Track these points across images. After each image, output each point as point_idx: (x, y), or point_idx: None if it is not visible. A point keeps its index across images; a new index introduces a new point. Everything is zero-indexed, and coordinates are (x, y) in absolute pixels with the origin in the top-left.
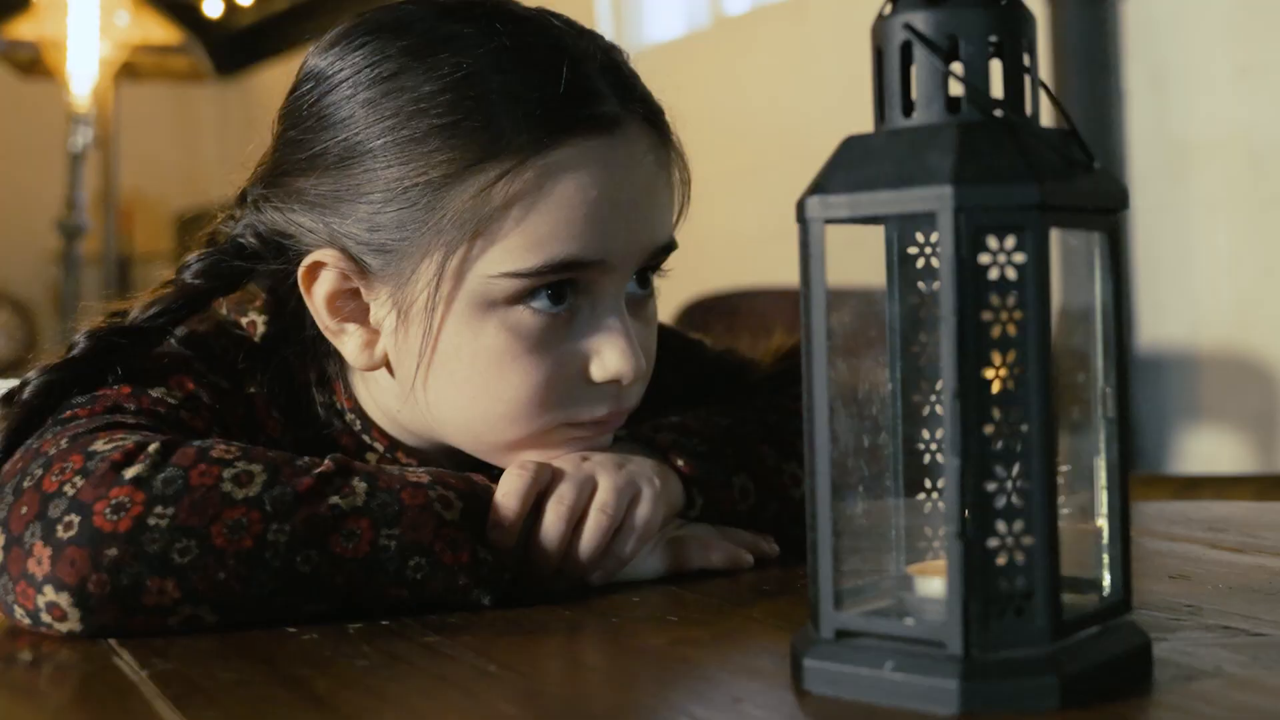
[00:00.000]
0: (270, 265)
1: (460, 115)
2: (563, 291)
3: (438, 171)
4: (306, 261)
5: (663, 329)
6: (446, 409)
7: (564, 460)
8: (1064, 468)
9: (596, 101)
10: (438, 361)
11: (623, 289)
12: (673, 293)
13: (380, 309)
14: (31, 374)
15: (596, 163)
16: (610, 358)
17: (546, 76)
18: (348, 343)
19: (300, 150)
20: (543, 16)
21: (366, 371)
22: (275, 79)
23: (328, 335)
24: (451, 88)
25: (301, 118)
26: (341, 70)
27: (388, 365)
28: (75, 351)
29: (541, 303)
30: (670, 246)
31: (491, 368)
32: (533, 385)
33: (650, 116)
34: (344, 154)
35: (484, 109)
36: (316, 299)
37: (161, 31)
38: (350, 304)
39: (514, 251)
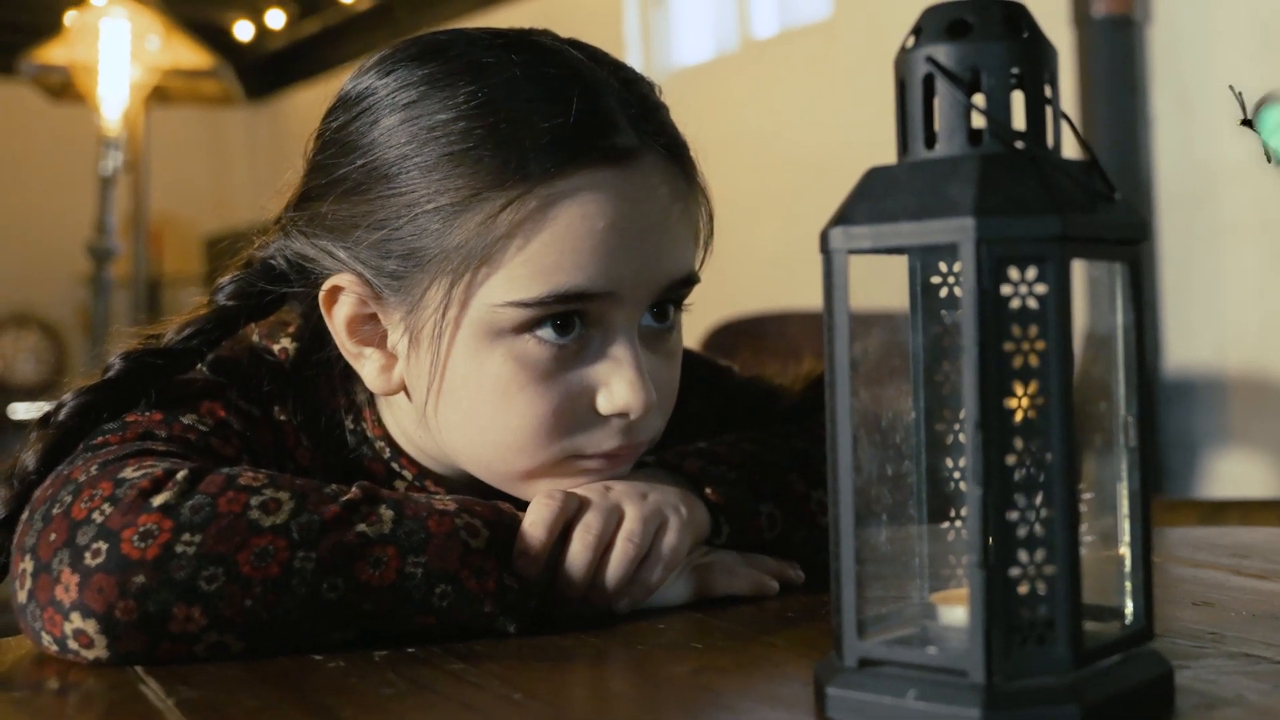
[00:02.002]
0: (297, 289)
1: (471, 144)
2: (571, 322)
3: (445, 199)
4: (326, 286)
5: (692, 356)
6: (457, 437)
7: (589, 489)
8: (1086, 495)
9: (609, 132)
10: (446, 389)
11: (635, 321)
12: (700, 316)
13: (395, 334)
14: (67, 396)
15: (605, 193)
16: (618, 390)
17: (556, 107)
18: (366, 367)
19: (323, 175)
20: (564, 48)
21: (385, 396)
22: (305, 102)
23: (348, 359)
24: (464, 116)
25: (326, 143)
26: (366, 97)
27: (406, 391)
28: (110, 373)
29: (548, 333)
30: (690, 280)
31: (497, 397)
32: (538, 416)
33: (670, 150)
34: (361, 179)
35: (493, 137)
36: (336, 322)
37: (192, 56)
38: (369, 328)
39: (519, 281)
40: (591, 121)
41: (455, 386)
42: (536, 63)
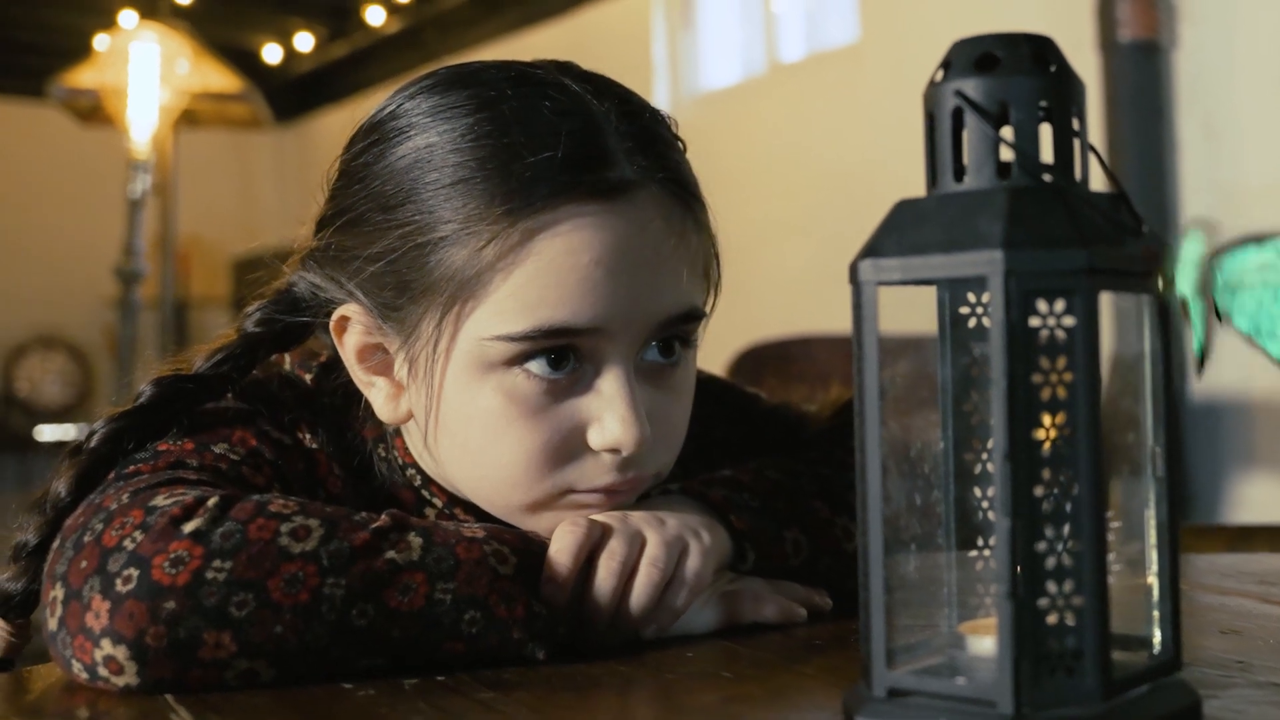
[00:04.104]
0: (320, 318)
1: (461, 177)
2: (564, 356)
3: (437, 232)
4: (335, 315)
5: (719, 383)
6: (456, 469)
7: (609, 516)
8: (1114, 524)
9: (598, 166)
10: (442, 422)
11: (629, 357)
12: (725, 341)
13: (398, 363)
14: (99, 423)
15: (591, 227)
16: (610, 426)
17: (545, 140)
18: (376, 396)
19: (334, 205)
20: (567, 81)
21: (393, 424)
22: (333, 126)
23: (360, 387)
24: (458, 150)
25: (341, 173)
26: (376, 129)
27: (415, 420)
28: (142, 399)
29: (539, 367)
30: (691, 315)
31: (488, 431)
32: (529, 450)
33: (673, 183)
34: (364, 210)
35: (481, 171)
36: (347, 351)
37: (221, 79)
38: (377, 357)
39: (505, 315)
40: (580, 155)
41: (450, 419)
42: (533, 96)
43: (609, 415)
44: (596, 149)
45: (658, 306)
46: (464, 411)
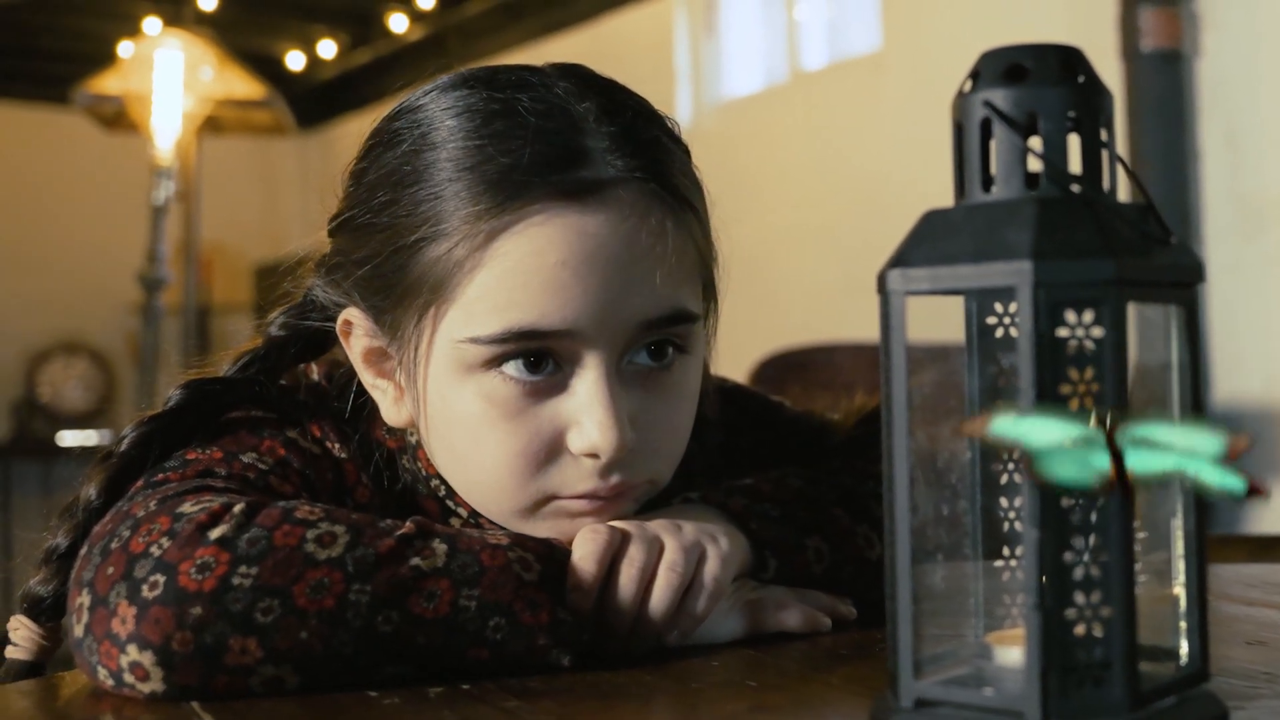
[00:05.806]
0: (332, 322)
1: (437, 179)
2: (541, 358)
3: (414, 234)
4: (340, 319)
5: (743, 391)
6: (449, 474)
7: (627, 523)
8: (1141, 534)
9: (569, 165)
10: (431, 425)
11: (610, 359)
12: (747, 348)
13: (397, 366)
14: (128, 428)
15: (558, 227)
16: (588, 430)
17: (515, 142)
18: (382, 399)
19: (337, 210)
20: (547, 80)
21: (398, 427)
22: (356, 133)
23: (368, 390)
24: (435, 153)
25: (348, 179)
26: (373, 136)
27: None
28: (171, 403)
29: (516, 369)
30: (679, 317)
31: (469, 435)
32: (509, 455)
33: (654, 183)
34: (359, 214)
35: (455, 173)
36: (354, 355)
37: (244, 86)
38: (381, 361)
39: (476, 317)
40: (550, 154)
41: (437, 422)
42: (511, 98)
43: (586, 419)
44: (568, 148)
45: (635, 308)
46: (447, 415)
